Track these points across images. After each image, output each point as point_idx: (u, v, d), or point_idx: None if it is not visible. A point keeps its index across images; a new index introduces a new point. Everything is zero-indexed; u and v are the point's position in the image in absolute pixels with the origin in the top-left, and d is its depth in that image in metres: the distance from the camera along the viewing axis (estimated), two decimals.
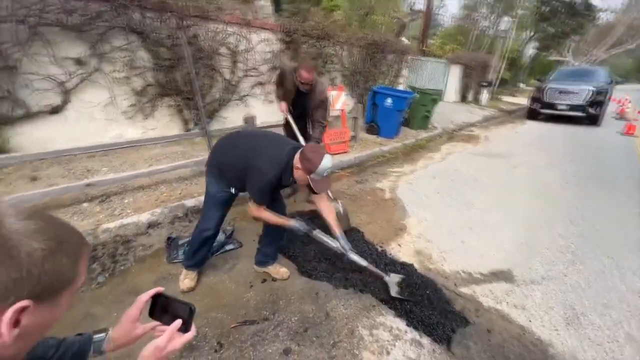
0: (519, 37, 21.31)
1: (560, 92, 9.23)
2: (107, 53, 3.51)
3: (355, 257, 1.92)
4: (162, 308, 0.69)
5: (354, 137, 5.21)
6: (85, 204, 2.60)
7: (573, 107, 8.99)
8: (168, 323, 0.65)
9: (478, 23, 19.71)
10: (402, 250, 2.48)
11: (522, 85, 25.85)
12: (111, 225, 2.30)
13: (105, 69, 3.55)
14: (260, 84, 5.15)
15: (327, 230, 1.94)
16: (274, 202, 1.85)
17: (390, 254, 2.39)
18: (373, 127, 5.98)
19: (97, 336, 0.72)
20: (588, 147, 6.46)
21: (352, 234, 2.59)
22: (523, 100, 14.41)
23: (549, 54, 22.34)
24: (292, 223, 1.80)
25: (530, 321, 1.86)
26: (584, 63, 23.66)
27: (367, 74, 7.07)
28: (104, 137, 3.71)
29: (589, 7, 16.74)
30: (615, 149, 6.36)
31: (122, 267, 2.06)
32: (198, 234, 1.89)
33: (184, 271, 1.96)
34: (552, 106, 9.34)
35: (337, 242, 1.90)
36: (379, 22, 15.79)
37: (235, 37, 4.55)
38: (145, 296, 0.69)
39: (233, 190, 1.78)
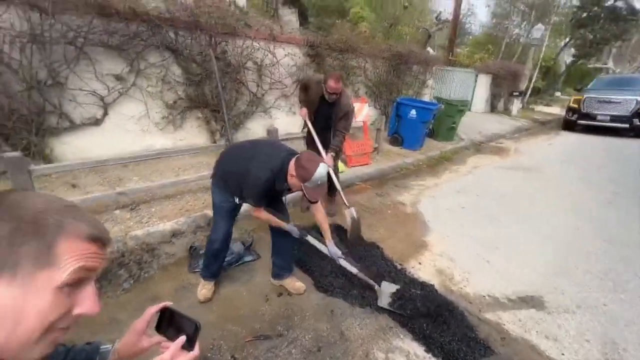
0: (553, 45, 20.34)
1: (600, 101, 8.66)
2: (143, 69, 3.76)
3: (345, 264, 1.99)
4: (168, 322, 0.69)
5: (376, 149, 5.17)
6: (117, 211, 2.76)
7: (616, 119, 8.38)
8: (173, 338, 0.65)
9: (509, 31, 19.04)
10: (422, 269, 2.40)
11: (558, 94, 24.55)
12: (139, 232, 2.42)
13: (141, 84, 3.80)
14: (285, 96, 5.27)
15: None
16: (274, 207, 1.92)
17: (409, 272, 2.32)
18: (397, 139, 5.90)
19: (103, 347, 0.74)
20: (631, 163, 5.97)
21: (371, 250, 2.55)
22: (559, 110, 13.67)
23: (587, 61, 21.08)
24: (287, 226, 1.89)
25: (562, 354, 1.72)
26: (627, 71, 22.13)
27: (391, 85, 7.03)
28: (137, 147, 3.94)
29: (634, 12, 15.66)
30: None
31: (146, 275, 2.15)
32: (209, 245, 1.96)
33: (202, 281, 2.01)
34: (590, 117, 8.77)
35: (328, 249, 2.01)
36: (405, 33, 15.74)
37: (261, 52, 4.72)
38: (154, 309, 0.70)
39: (237, 200, 1.82)
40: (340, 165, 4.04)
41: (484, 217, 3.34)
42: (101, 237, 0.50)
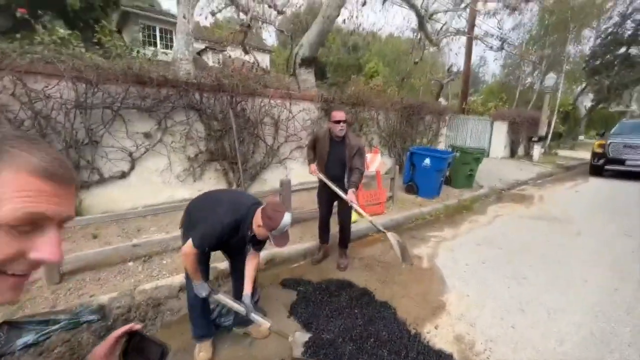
0: (569, 90, 20.46)
1: (626, 146, 8.37)
2: (169, 127, 4.11)
3: (257, 318, 1.86)
4: (137, 348, 0.64)
5: (390, 198, 5.13)
6: (130, 263, 2.82)
7: None
8: None
9: (522, 80, 19.51)
10: (439, 334, 2.20)
11: (582, 137, 24.04)
12: (147, 286, 2.43)
13: (166, 140, 4.13)
14: (300, 147, 5.51)
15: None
16: (234, 257, 1.91)
17: (424, 339, 2.13)
18: (412, 187, 5.86)
19: None
20: None
21: (383, 311, 2.39)
22: (584, 154, 13.22)
23: (607, 105, 20.84)
24: (196, 283, 1.76)
25: None
26: None
27: (405, 135, 7.20)
28: (158, 198, 4.14)
29: None
30: None
31: (148, 333, 2.10)
32: (188, 300, 1.92)
33: (197, 344, 1.93)
34: (620, 162, 8.42)
35: (242, 304, 1.86)
36: (417, 85, 16.49)
37: (278, 109, 5.07)
38: (118, 332, 0.64)
39: (205, 249, 1.76)
40: (354, 215, 4.01)
41: (508, 275, 3.10)
42: (56, 174, 0.42)
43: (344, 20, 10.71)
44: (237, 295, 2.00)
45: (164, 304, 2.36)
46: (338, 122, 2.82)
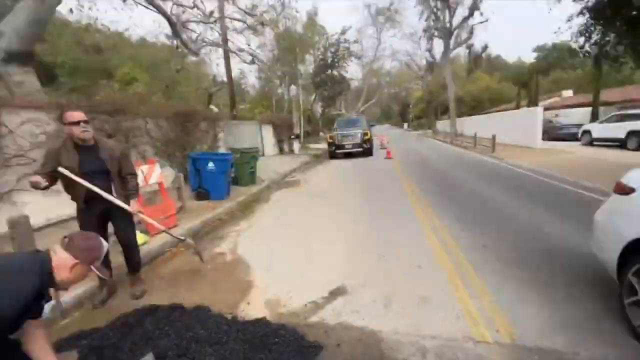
0: (308, 100, 27.24)
1: (344, 135, 12.51)
2: None
3: None
4: None
5: (181, 208, 4.86)
6: None
7: (354, 145, 12.36)
8: None
9: (274, 90, 23.78)
10: (252, 307, 2.45)
11: (322, 134, 32.78)
12: None
13: None
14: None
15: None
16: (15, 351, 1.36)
17: (241, 317, 2.30)
18: (202, 193, 5.81)
19: None
20: (372, 176, 8.83)
21: (197, 315, 2.33)
22: (324, 145, 18.16)
23: (330, 109, 29.76)
24: None
25: (363, 319, 2.23)
26: (354, 114, 32.92)
27: (183, 142, 6.94)
28: None
29: (344, 78, 23.95)
30: (383, 167, 9.02)
31: None
32: None
33: None
34: (343, 147, 12.46)
35: None
36: (187, 94, 16.12)
37: None
38: None
39: None
40: (141, 236, 3.49)
41: (294, 239, 3.87)
42: None
43: (71, 9, 8.56)
44: None
45: None
46: (77, 122, 2.30)
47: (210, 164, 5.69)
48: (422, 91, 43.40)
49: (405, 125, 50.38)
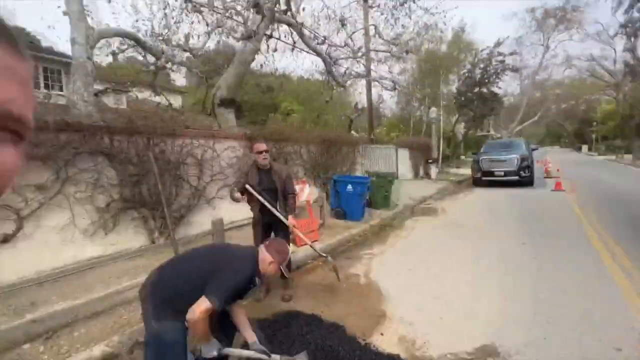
0: (448, 120, 25.36)
1: (493, 161, 10.80)
2: (71, 176, 3.58)
3: (277, 357, 1.87)
4: None
5: (322, 225, 5.37)
6: (26, 346, 2.27)
7: (507, 173, 10.41)
8: None
9: (412, 113, 23.37)
10: (385, 340, 2.38)
11: (463, 157, 29.58)
12: None
13: (68, 190, 3.57)
14: (227, 185, 5.39)
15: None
16: (227, 318, 1.90)
17: (374, 346, 2.28)
18: (340, 212, 6.26)
19: None
20: (529, 203, 7.21)
21: (333, 331, 2.47)
22: (466, 171, 16.24)
23: (475, 130, 26.53)
24: (209, 342, 1.71)
25: None
26: (505, 135, 28.18)
27: (326, 165, 7.75)
28: (58, 260, 3.46)
29: (495, 95, 21.00)
30: (550, 202, 7.18)
31: None
32: None
33: None
34: (490, 174, 10.74)
35: (254, 348, 1.86)
36: (331, 121, 18.07)
37: (201, 149, 4.95)
38: None
39: (223, 305, 1.66)
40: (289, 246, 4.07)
41: (430, 275, 3.57)
42: None
43: (261, 65, 11.30)
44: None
45: None
46: (260, 152, 3.02)
47: (349, 186, 6.08)
48: (613, 104, 32.75)
49: (585, 147, 38.73)
